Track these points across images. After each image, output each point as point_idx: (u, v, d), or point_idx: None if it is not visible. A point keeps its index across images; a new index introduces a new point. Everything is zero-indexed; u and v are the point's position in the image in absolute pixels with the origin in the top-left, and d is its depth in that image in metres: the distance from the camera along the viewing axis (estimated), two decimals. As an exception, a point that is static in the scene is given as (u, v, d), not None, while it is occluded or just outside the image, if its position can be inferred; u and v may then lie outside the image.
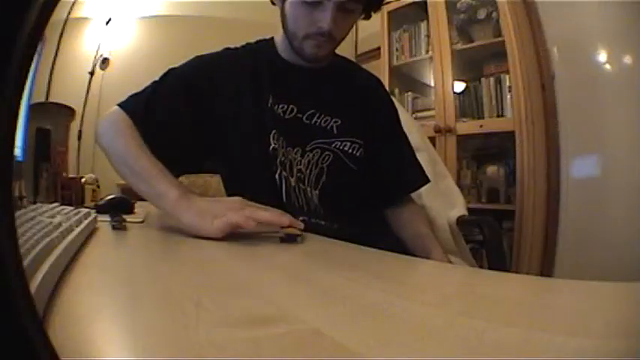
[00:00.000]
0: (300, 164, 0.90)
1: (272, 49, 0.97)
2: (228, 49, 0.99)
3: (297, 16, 0.86)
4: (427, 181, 1.04)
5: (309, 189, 0.90)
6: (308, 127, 0.91)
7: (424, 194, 1.23)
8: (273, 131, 0.89)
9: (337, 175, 0.91)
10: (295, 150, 0.90)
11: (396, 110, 1.06)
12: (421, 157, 1.10)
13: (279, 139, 0.89)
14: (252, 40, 1.01)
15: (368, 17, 0.93)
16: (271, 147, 0.88)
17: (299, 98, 0.92)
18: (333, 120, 0.93)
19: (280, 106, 0.91)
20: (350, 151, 0.93)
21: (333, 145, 0.92)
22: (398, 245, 0.91)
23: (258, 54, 0.97)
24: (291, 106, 0.91)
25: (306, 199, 0.89)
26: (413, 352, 0.27)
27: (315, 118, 0.92)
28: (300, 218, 0.86)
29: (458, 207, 1.31)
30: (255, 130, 0.89)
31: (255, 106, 0.90)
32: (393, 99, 1.11)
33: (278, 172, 0.88)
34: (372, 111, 0.99)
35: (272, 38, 0.99)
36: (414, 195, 1.08)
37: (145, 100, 0.88)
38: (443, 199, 1.31)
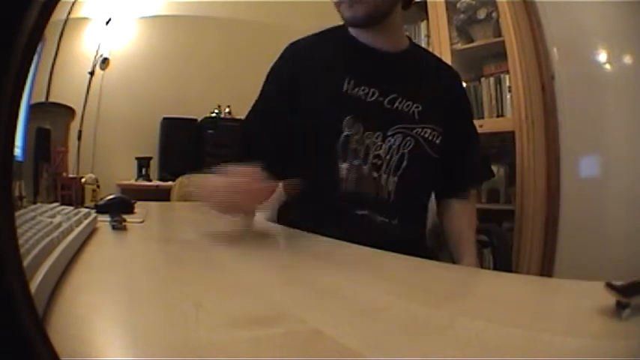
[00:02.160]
0: (380, 149, 0.88)
1: (347, 33, 0.95)
2: (319, 33, 0.99)
3: None
4: (492, 175, 1.06)
5: (385, 176, 0.88)
6: (390, 112, 0.89)
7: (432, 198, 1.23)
8: (347, 117, 0.87)
9: (418, 161, 0.90)
10: (376, 135, 0.88)
11: (471, 105, 1.07)
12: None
13: (355, 125, 0.87)
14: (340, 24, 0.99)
15: (407, 6, 0.93)
16: (344, 134, 0.87)
17: (381, 81, 0.90)
18: (415, 105, 0.91)
19: (362, 89, 0.89)
20: (430, 137, 0.91)
21: (415, 132, 0.90)
22: (431, 254, 0.91)
23: (331, 40, 0.96)
24: (372, 89, 0.89)
25: (377, 189, 0.88)
26: (413, 352, 0.27)
27: (396, 103, 0.90)
28: (360, 212, 0.86)
29: None
30: (326, 117, 0.88)
31: (328, 91, 0.89)
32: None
33: (348, 161, 0.87)
34: (451, 101, 0.98)
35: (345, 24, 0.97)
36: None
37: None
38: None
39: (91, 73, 3.04)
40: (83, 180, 2.21)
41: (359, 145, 0.87)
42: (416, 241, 0.67)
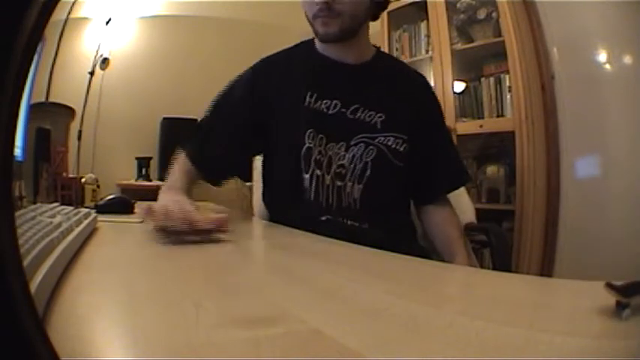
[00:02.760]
0: (344, 159, 0.91)
1: (313, 47, 0.98)
2: (286, 49, 1.02)
3: None
4: (468, 179, 1.06)
5: (350, 184, 0.91)
6: (352, 122, 0.92)
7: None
8: (309, 130, 0.90)
9: (381, 169, 0.92)
10: (339, 145, 0.91)
11: (440, 108, 1.07)
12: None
13: (317, 137, 0.90)
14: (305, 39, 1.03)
15: (375, 18, 0.95)
16: (305, 146, 0.90)
17: (342, 93, 0.93)
18: (377, 115, 0.93)
19: (324, 102, 0.92)
20: (394, 146, 0.93)
21: (377, 140, 0.92)
22: (423, 254, 0.91)
23: (297, 55, 0.99)
24: (334, 101, 0.92)
25: (339, 197, 0.90)
26: (413, 352, 0.27)
27: (359, 113, 0.93)
28: (324, 217, 0.88)
29: (467, 214, 1.31)
30: (289, 131, 0.92)
31: (291, 106, 0.93)
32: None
33: (310, 171, 0.90)
34: (416, 108, 0.99)
35: (313, 39, 0.99)
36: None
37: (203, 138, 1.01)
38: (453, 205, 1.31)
39: (91, 73, 3.04)
40: (83, 180, 2.21)
41: (321, 156, 0.90)
42: (393, 243, 0.68)
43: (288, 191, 0.90)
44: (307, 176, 0.90)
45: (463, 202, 1.35)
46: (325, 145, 0.91)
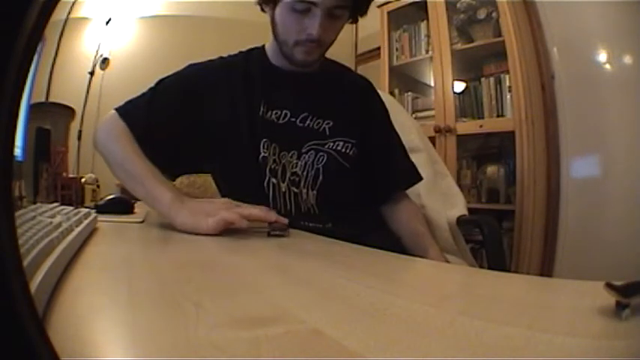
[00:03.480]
0: (296, 167, 0.92)
1: (263, 56, 0.99)
2: (221, 57, 1.02)
3: (287, 24, 0.88)
4: (419, 178, 1.06)
5: (305, 190, 0.92)
6: (302, 130, 0.94)
7: (424, 194, 1.23)
8: (264, 140, 0.92)
9: (333, 174, 0.93)
10: (291, 153, 0.93)
11: (386, 110, 1.08)
12: (421, 157, 1.10)
13: (271, 147, 0.92)
14: (244, 49, 1.04)
15: (355, 21, 0.95)
16: (261, 156, 0.91)
17: (291, 103, 0.95)
18: (326, 122, 0.95)
19: (274, 112, 0.94)
20: (343, 150, 0.95)
21: (327, 146, 0.94)
22: (395, 246, 0.92)
23: (249, 62, 0.99)
24: (284, 111, 0.94)
25: (297, 203, 0.92)
26: (413, 352, 0.27)
27: (308, 121, 0.95)
28: (302, 223, 0.88)
29: (458, 207, 1.31)
30: (245, 141, 0.93)
31: (246, 116, 0.93)
32: (390, 97, 1.13)
33: (266, 180, 0.91)
34: (362, 111, 1.01)
35: (263, 46, 1.01)
36: (412, 195, 1.09)
37: (143, 106, 0.92)
38: (443, 199, 1.31)
39: (91, 73, 3.04)
40: (83, 180, 2.22)
41: (276, 164, 0.92)
42: (361, 235, 0.70)
43: (247, 200, 0.86)
44: (265, 184, 0.91)
45: (454, 196, 1.36)
46: (279, 153, 0.92)
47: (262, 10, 0.93)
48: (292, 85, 0.96)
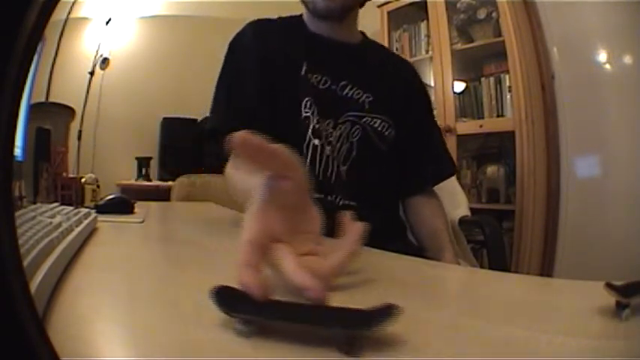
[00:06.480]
0: (332, 136, 0.87)
1: (303, 23, 0.95)
2: (267, 19, 0.97)
3: None
4: (456, 170, 1.02)
5: (336, 162, 0.86)
6: (341, 99, 0.89)
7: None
8: (306, 99, 0.86)
9: (367, 152, 0.88)
10: (327, 121, 0.87)
11: (429, 98, 1.04)
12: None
13: (314, 107, 0.86)
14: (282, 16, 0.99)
15: (362, 5, 0.93)
16: (303, 115, 0.85)
17: (332, 69, 0.90)
18: (365, 95, 0.90)
19: (315, 76, 0.89)
20: (380, 128, 0.90)
21: (364, 120, 0.89)
22: (409, 247, 0.90)
23: (291, 26, 0.96)
24: (324, 77, 0.89)
25: (337, 173, 0.86)
26: (412, 351, 0.27)
27: (347, 90, 0.90)
28: (329, 198, 0.83)
29: (461, 207, 1.31)
30: (288, 97, 0.87)
31: (289, 73, 0.88)
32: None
33: (307, 141, 0.85)
34: (405, 94, 0.97)
35: (301, 15, 0.97)
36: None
37: (224, 110, 0.89)
38: (447, 199, 1.31)
39: (91, 73, 3.05)
40: (83, 180, 2.21)
41: (320, 126, 0.86)
42: (385, 234, 0.66)
43: None
44: (305, 146, 0.85)
45: (457, 196, 1.35)
46: (318, 117, 0.87)
47: None
48: (332, 52, 0.92)
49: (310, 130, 0.85)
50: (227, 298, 0.29)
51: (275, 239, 0.36)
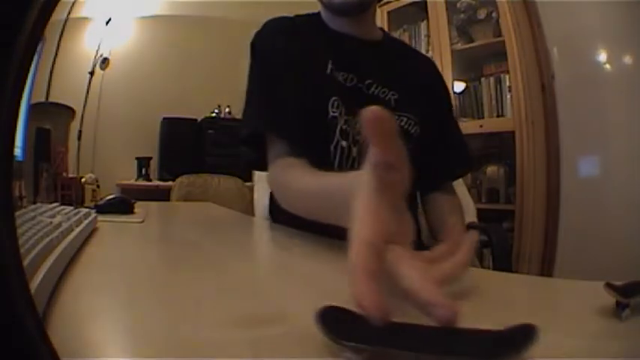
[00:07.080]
0: (359, 135, 0.84)
1: (322, 21, 0.94)
2: (286, 18, 0.95)
3: None
4: (474, 165, 1.01)
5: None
6: (367, 97, 0.87)
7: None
8: (333, 98, 0.84)
9: None
10: (355, 122, 0.85)
11: (449, 93, 1.04)
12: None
13: (341, 107, 0.84)
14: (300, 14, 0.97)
15: (379, 1, 0.93)
16: (330, 115, 0.84)
17: (358, 67, 0.88)
18: (391, 93, 0.89)
19: (341, 74, 0.87)
20: (406, 127, 0.89)
21: None
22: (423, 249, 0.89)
23: (311, 24, 0.94)
24: (350, 74, 0.88)
25: None
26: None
27: (373, 88, 0.89)
28: None
29: (468, 214, 1.31)
30: (316, 98, 0.84)
31: (315, 73, 0.86)
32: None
33: (335, 142, 0.83)
34: (428, 91, 0.96)
35: (318, 12, 0.96)
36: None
37: (263, 111, 0.85)
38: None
39: (91, 73, 3.05)
40: (83, 180, 2.22)
41: (347, 126, 0.84)
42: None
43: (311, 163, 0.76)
44: (331, 148, 0.83)
45: (465, 202, 1.35)
46: (346, 116, 0.85)
47: None
48: (356, 49, 0.90)
49: (338, 131, 0.84)
50: (336, 323, 0.23)
51: (390, 241, 0.29)
